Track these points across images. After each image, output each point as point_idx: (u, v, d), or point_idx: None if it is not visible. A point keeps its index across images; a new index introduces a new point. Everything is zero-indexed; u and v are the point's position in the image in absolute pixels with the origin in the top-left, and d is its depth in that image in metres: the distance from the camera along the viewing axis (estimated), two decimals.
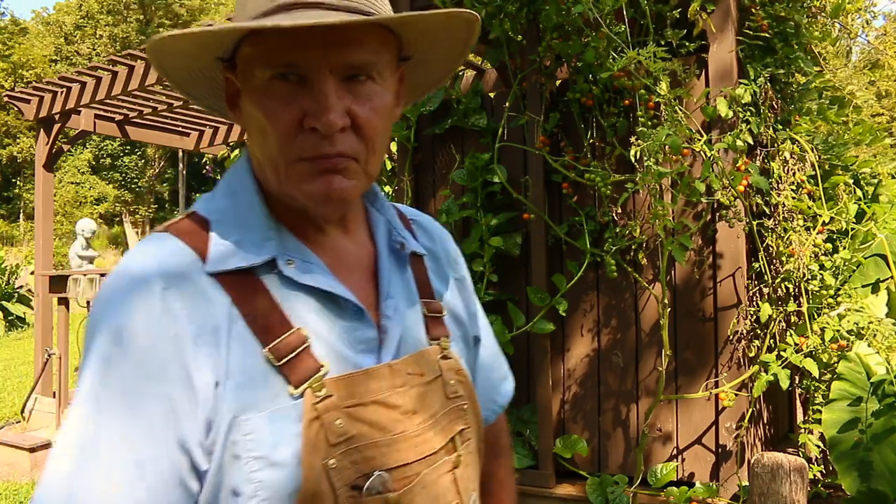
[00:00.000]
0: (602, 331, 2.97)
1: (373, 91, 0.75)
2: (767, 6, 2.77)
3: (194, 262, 0.72)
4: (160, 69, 0.78)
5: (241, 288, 0.73)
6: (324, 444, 0.70)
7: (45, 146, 6.18)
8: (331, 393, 0.72)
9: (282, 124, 0.73)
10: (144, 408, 0.66)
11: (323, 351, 0.74)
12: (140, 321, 0.68)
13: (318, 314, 0.75)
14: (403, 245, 0.87)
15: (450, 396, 0.83)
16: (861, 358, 2.53)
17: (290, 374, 0.71)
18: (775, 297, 2.76)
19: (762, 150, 2.81)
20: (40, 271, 6.09)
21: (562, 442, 2.92)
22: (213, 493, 0.70)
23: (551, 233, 3.01)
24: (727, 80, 2.69)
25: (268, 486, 0.69)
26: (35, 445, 5.15)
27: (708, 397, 2.71)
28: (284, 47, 0.71)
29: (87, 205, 31.49)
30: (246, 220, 0.77)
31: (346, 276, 0.80)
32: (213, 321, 0.70)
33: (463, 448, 0.83)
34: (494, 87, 3.30)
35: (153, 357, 0.67)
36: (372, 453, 0.73)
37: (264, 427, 0.69)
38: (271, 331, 0.72)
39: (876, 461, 2.36)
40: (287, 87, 0.72)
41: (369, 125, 0.75)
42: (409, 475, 0.75)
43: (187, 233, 0.75)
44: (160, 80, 5.17)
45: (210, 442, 0.69)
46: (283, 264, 0.75)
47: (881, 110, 19.12)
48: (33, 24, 37.34)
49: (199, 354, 0.69)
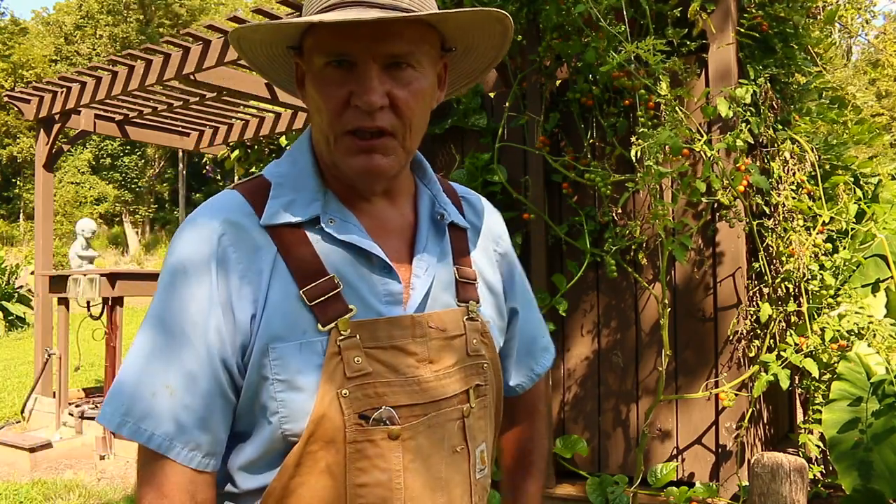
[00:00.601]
0: (602, 331, 2.97)
1: (412, 76, 0.87)
2: (767, 6, 2.77)
3: (251, 215, 0.87)
4: (244, 56, 0.92)
5: (288, 239, 0.86)
6: (340, 376, 0.83)
7: (45, 146, 6.18)
8: (354, 334, 0.85)
9: (333, 102, 0.86)
10: (196, 331, 0.82)
11: (352, 298, 0.86)
12: (198, 256, 0.83)
13: (352, 266, 0.88)
14: (443, 216, 0.98)
15: (470, 354, 0.94)
16: (861, 358, 2.53)
17: (321, 313, 0.84)
18: (775, 297, 2.76)
19: (762, 150, 2.81)
20: (40, 271, 6.08)
21: (562, 442, 2.92)
22: (247, 405, 0.85)
23: (551, 233, 3.01)
24: (727, 80, 2.69)
25: (288, 405, 0.82)
26: (35, 445, 5.14)
27: (708, 397, 2.71)
28: (337, 39, 0.84)
29: (87, 205, 31.48)
30: (300, 184, 0.91)
31: (384, 238, 0.92)
32: (258, 265, 0.84)
33: (476, 402, 0.94)
34: (494, 87, 3.30)
35: (205, 290, 0.83)
36: (384, 390, 0.85)
37: (291, 355, 0.83)
38: (309, 276, 0.85)
39: (876, 461, 2.36)
40: (339, 72, 0.85)
41: (406, 105, 0.87)
42: (416, 414, 0.87)
43: (250, 191, 0.90)
44: (160, 80, 5.16)
45: (245, 363, 0.84)
46: (325, 222, 0.88)
47: (881, 110, 19.11)
48: (33, 24, 37.32)
49: (242, 290, 0.83)
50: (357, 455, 0.83)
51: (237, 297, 0.83)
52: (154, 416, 0.81)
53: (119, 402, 0.82)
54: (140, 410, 0.81)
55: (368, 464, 0.83)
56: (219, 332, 0.83)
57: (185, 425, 0.81)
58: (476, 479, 0.95)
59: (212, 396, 0.83)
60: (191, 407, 0.81)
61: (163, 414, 0.81)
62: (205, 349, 0.82)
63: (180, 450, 0.81)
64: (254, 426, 0.85)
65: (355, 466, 0.83)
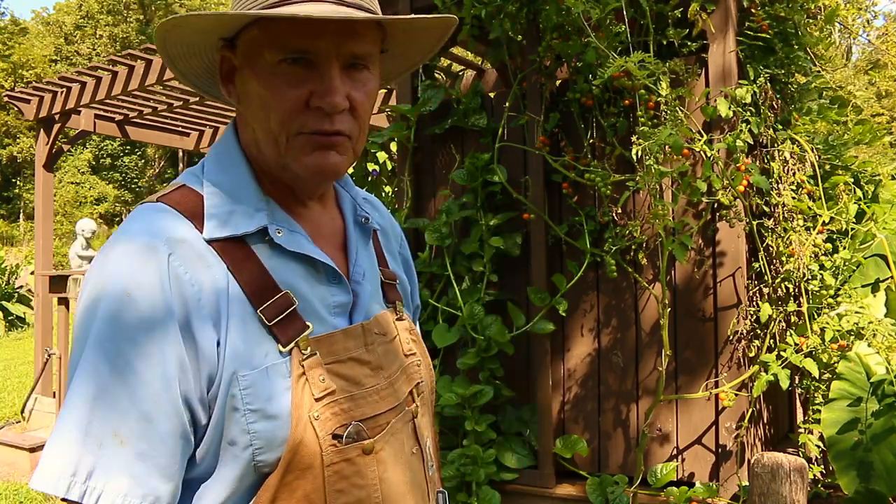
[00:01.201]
0: (602, 331, 2.97)
1: (367, 78, 0.84)
2: (767, 6, 2.77)
3: (191, 229, 0.78)
4: (163, 44, 0.84)
5: (234, 254, 0.79)
6: (309, 398, 0.78)
7: (45, 146, 6.18)
8: (314, 351, 0.80)
9: (289, 102, 0.80)
10: (152, 364, 0.71)
11: (306, 313, 0.82)
12: (148, 282, 0.73)
13: (302, 279, 0.83)
14: (367, 219, 0.96)
15: (406, 354, 0.94)
16: (861, 358, 2.53)
17: (280, 333, 0.78)
18: (775, 296, 2.76)
19: (762, 150, 2.81)
20: (40, 271, 6.09)
21: (562, 442, 2.92)
22: (210, 445, 0.77)
23: (551, 233, 3.01)
24: (727, 80, 2.69)
25: (262, 436, 0.76)
26: (35, 445, 5.14)
27: (708, 397, 2.71)
28: (298, 35, 0.78)
29: (87, 205, 31.48)
30: (238, 193, 0.83)
31: (322, 245, 0.88)
32: (215, 285, 0.77)
33: (419, 399, 0.94)
34: (494, 87, 3.30)
35: (160, 316, 0.72)
36: (349, 405, 0.81)
37: (261, 382, 0.76)
38: (263, 294, 0.79)
39: (875, 461, 2.36)
40: (296, 70, 0.80)
41: (363, 108, 0.84)
42: (380, 424, 0.84)
43: (181, 203, 0.81)
44: (160, 80, 5.16)
45: (211, 397, 0.76)
46: (273, 232, 0.82)
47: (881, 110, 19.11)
48: (33, 24, 37.32)
49: (202, 315, 0.75)
50: (335, 477, 0.79)
51: (198, 323, 0.74)
52: (103, 470, 0.70)
53: (61, 459, 0.70)
54: (87, 465, 0.69)
55: (347, 484, 0.80)
56: (181, 365, 0.73)
57: (141, 477, 0.71)
58: (429, 475, 0.94)
59: (173, 438, 0.73)
60: (147, 454, 0.71)
61: (112, 467, 0.70)
62: (162, 384, 0.72)
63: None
64: (217, 465, 0.77)
65: (334, 489, 0.78)
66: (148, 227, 0.77)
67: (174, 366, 0.73)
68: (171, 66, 0.89)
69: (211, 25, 0.82)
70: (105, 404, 0.70)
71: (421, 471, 0.92)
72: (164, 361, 0.72)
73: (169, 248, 0.75)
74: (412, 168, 3.35)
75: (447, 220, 3.11)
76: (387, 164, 4.80)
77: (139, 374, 0.71)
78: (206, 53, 0.87)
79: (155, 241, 0.75)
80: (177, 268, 0.75)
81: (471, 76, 3.90)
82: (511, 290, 3.12)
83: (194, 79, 0.92)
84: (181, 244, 0.76)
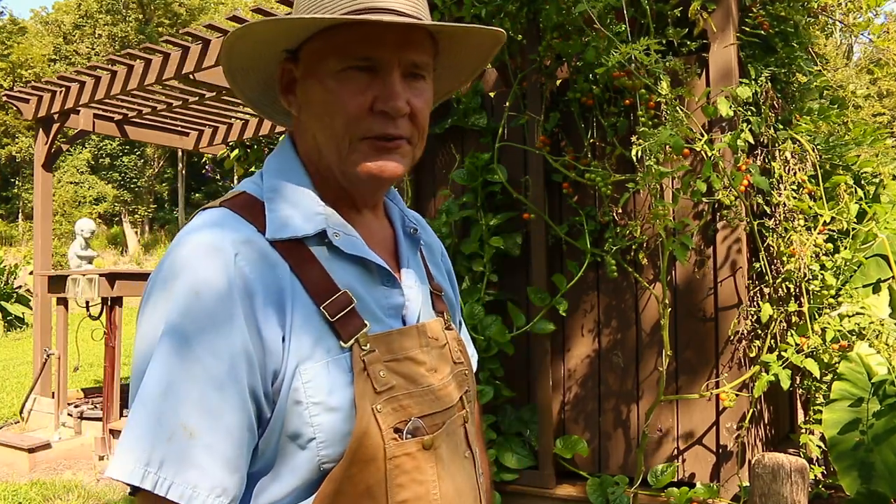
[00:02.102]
0: (602, 331, 2.96)
1: (425, 87, 0.88)
2: (768, 6, 2.76)
3: (254, 231, 0.82)
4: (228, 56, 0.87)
5: (296, 255, 0.83)
6: (371, 391, 0.81)
7: (43, 146, 6.17)
8: (374, 348, 0.83)
9: (353, 107, 0.83)
10: (219, 359, 0.74)
11: (363, 312, 0.85)
12: (216, 280, 0.76)
13: (358, 281, 0.86)
14: (416, 231, 1.00)
15: (455, 362, 0.96)
16: (862, 358, 2.52)
17: (341, 329, 0.82)
18: (776, 297, 2.76)
19: (763, 150, 2.80)
20: (39, 271, 6.07)
21: (562, 442, 2.92)
22: (272, 438, 0.79)
23: (551, 233, 3.00)
24: (728, 79, 2.69)
25: (325, 429, 0.78)
26: (34, 446, 5.14)
27: (709, 397, 2.71)
28: (362, 43, 0.82)
29: (86, 205, 31.45)
30: (297, 198, 0.86)
31: (376, 250, 0.91)
32: (279, 283, 0.80)
33: (469, 406, 0.96)
34: (494, 86, 3.29)
35: (228, 313, 0.75)
36: (408, 402, 0.84)
37: (323, 376, 0.79)
38: (324, 292, 0.82)
39: (877, 462, 2.36)
40: (360, 76, 0.83)
41: (422, 114, 0.88)
42: (437, 423, 0.87)
43: (243, 207, 0.85)
44: (160, 80, 5.15)
45: (275, 390, 0.78)
46: (332, 235, 0.85)
47: (882, 110, 19.11)
48: (32, 24, 37.28)
49: (267, 312, 0.78)
50: (396, 471, 0.81)
51: (264, 319, 0.78)
52: (173, 462, 0.73)
53: (133, 450, 0.73)
54: (158, 456, 0.73)
55: (407, 478, 0.82)
56: (248, 358, 0.76)
57: (209, 469, 0.73)
58: (480, 482, 0.96)
59: (240, 431, 0.76)
60: (214, 446, 0.74)
61: (182, 458, 0.73)
62: (230, 378, 0.75)
63: (205, 498, 0.73)
64: (278, 460, 0.80)
65: (395, 483, 0.81)
66: (213, 228, 0.80)
67: (241, 360, 0.75)
68: (231, 79, 0.92)
69: (280, 34, 0.85)
70: (175, 398, 0.73)
71: (473, 476, 0.94)
72: (232, 356, 0.75)
73: (235, 249, 0.78)
74: (412, 168, 3.34)
75: (447, 219, 3.10)
76: None
77: (207, 368, 0.74)
78: (267, 67, 0.90)
79: (221, 241, 0.78)
80: (242, 267, 0.77)
81: None
82: (511, 290, 3.11)
83: (250, 93, 0.96)
84: (246, 244, 0.79)
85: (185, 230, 0.82)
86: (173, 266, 0.78)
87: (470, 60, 0.97)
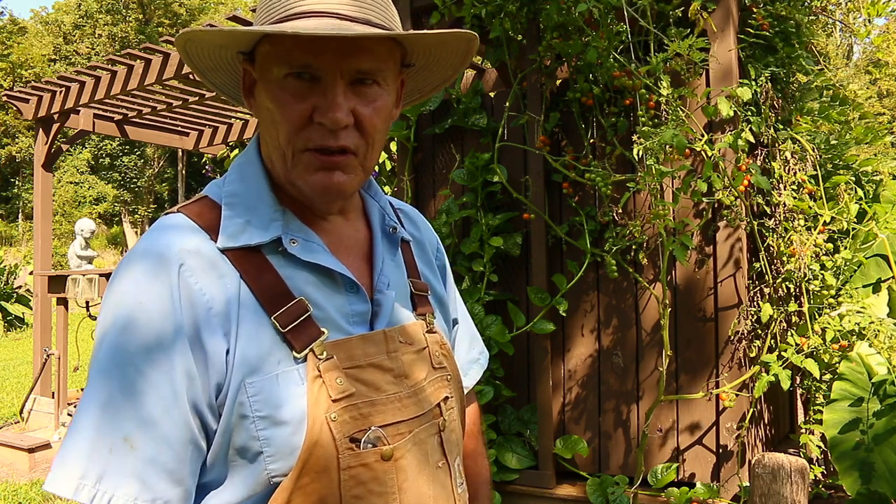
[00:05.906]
0: (603, 331, 2.96)
1: (376, 93, 0.83)
2: (768, 5, 2.76)
3: (206, 240, 0.80)
4: (187, 57, 0.86)
5: (248, 264, 0.80)
6: (325, 399, 0.78)
7: (43, 146, 6.17)
8: (331, 355, 0.80)
9: (294, 116, 0.80)
10: (161, 372, 0.73)
11: (322, 320, 0.82)
12: (158, 293, 0.75)
13: (317, 288, 0.83)
14: (395, 229, 0.96)
15: (435, 367, 0.92)
16: (862, 358, 2.52)
17: (294, 340, 0.79)
18: (776, 297, 2.75)
19: (763, 150, 2.80)
20: (39, 271, 6.07)
21: (562, 442, 2.92)
22: (220, 451, 0.77)
23: (551, 233, 3.00)
24: (728, 79, 2.68)
25: (273, 443, 0.76)
26: (34, 446, 5.14)
27: (709, 397, 2.71)
28: (302, 50, 0.79)
29: (86, 205, 31.46)
30: (254, 204, 0.84)
31: (345, 256, 0.88)
32: (225, 294, 0.78)
33: (447, 414, 0.92)
34: (494, 86, 3.29)
35: (169, 326, 0.74)
36: (368, 410, 0.81)
37: (270, 389, 0.77)
38: (276, 301, 0.79)
39: (877, 462, 2.35)
40: (300, 84, 0.80)
41: (370, 123, 0.83)
42: (401, 432, 0.83)
43: (198, 214, 0.83)
44: (160, 80, 5.15)
45: (219, 404, 0.77)
46: (287, 243, 0.82)
47: (883, 109, 19.12)
48: (32, 24, 37.28)
49: (211, 323, 0.76)
50: (352, 482, 0.78)
51: (207, 331, 0.76)
52: (112, 475, 0.71)
53: (72, 463, 0.72)
54: (96, 470, 0.71)
55: (364, 490, 0.79)
56: (188, 372, 0.74)
57: (150, 482, 0.72)
58: (458, 493, 0.93)
59: (181, 444, 0.74)
60: (156, 459, 0.72)
61: (123, 471, 0.71)
62: (170, 392, 0.73)
63: None
64: (228, 473, 0.78)
65: (350, 495, 0.78)
66: (161, 239, 0.79)
67: (182, 373, 0.74)
68: (203, 77, 0.91)
69: (223, 41, 0.83)
70: (115, 410, 0.72)
71: (449, 485, 0.90)
72: (173, 369, 0.74)
73: (180, 259, 0.77)
74: (412, 168, 3.34)
75: (447, 219, 3.10)
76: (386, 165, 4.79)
77: (149, 380, 0.73)
78: (228, 67, 0.89)
79: (168, 251, 0.77)
80: (187, 278, 0.76)
81: (471, 76, 3.89)
82: (511, 290, 3.11)
83: (228, 91, 0.94)
84: (193, 255, 0.78)
85: (138, 241, 0.81)
86: (119, 275, 0.78)
87: (446, 57, 0.93)
